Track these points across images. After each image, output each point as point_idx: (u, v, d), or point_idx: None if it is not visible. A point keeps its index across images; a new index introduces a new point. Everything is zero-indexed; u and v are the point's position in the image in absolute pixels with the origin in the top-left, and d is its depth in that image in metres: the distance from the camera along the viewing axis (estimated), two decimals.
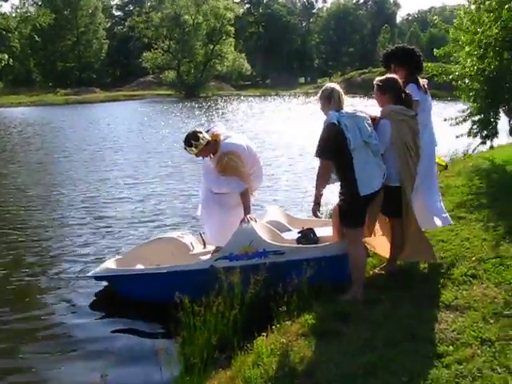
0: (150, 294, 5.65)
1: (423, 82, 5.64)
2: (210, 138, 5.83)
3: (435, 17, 11.44)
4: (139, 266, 6.13)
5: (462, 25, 10.19)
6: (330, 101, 4.85)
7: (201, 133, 5.78)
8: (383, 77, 5.22)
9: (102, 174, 13.98)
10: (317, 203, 4.98)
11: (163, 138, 21.72)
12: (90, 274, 6.26)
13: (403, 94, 5.10)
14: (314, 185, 4.95)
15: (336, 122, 4.65)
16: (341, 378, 3.49)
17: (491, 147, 10.80)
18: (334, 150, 4.71)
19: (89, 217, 9.74)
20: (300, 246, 5.63)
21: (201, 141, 5.72)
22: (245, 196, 5.79)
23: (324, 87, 5.05)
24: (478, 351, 3.69)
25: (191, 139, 5.73)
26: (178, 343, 4.49)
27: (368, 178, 4.73)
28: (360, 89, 52.51)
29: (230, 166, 5.70)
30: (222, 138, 5.89)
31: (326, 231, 5.80)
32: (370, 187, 4.74)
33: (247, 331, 4.56)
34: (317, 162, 4.98)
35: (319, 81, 73.12)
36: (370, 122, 4.87)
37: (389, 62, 5.70)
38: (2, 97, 54.31)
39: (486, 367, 3.48)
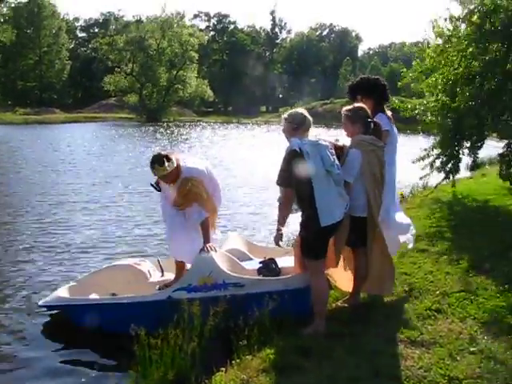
0: (103, 325, 5.32)
1: (389, 113, 5.62)
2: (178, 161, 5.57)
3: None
4: (94, 295, 5.84)
5: (427, 60, 10.28)
6: (298, 128, 4.74)
7: (171, 155, 5.53)
8: (351, 106, 5.16)
9: (58, 198, 13.32)
10: (279, 232, 4.83)
11: (123, 162, 21.21)
12: (41, 303, 5.86)
13: (372, 124, 5.04)
14: (277, 213, 4.81)
15: (298, 149, 4.52)
16: None
17: (452, 181, 10.85)
18: (295, 178, 4.55)
19: (42, 242, 9.17)
20: (261, 278, 5.46)
21: (172, 162, 5.45)
22: (204, 225, 5.58)
23: (295, 112, 4.90)
24: None
25: (163, 158, 5.41)
26: (132, 378, 4.22)
27: (329, 208, 4.56)
28: (322, 119, 53.12)
29: (192, 192, 5.49)
30: (181, 163, 5.63)
31: (287, 261, 5.65)
32: (331, 217, 4.58)
33: (206, 366, 4.32)
34: (278, 191, 4.85)
35: (281, 110, 73.33)
36: (332, 151, 4.75)
37: (355, 93, 5.65)
38: None
39: None
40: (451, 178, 10.69)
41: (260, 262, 5.71)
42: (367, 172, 4.87)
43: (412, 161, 10.58)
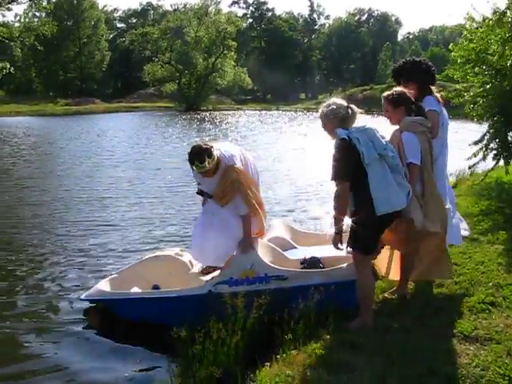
0: (144, 318, 5.25)
1: (438, 95, 5.36)
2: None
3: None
4: (135, 287, 5.76)
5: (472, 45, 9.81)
6: (343, 121, 4.44)
7: (212, 148, 5.10)
8: (391, 91, 4.96)
9: (99, 193, 13.09)
10: (337, 233, 4.45)
11: (166, 154, 20.97)
12: (83, 297, 5.79)
13: (414, 106, 4.85)
14: (333, 212, 4.46)
15: (346, 138, 4.27)
16: None
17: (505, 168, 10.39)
18: (349, 168, 4.28)
19: (82, 236, 9.05)
20: (304, 270, 5.30)
21: (213, 159, 5.04)
22: (246, 220, 5.30)
23: (334, 104, 4.52)
24: None
25: (204, 154, 4.99)
26: (175, 375, 4.12)
27: (386, 196, 4.28)
28: (361, 105, 52.24)
29: (237, 181, 5.14)
30: (217, 152, 5.19)
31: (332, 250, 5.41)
32: (389, 205, 4.29)
33: (249, 360, 4.21)
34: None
35: (320, 97, 73.01)
36: (382, 134, 4.50)
37: (399, 76, 5.44)
38: (2, 105, 54.06)
39: None
40: (502, 162, 10.24)
41: (301, 263, 5.50)
42: (422, 155, 4.69)
43: (468, 144, 10.17)
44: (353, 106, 4.55)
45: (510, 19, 8.97)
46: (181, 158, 18.30)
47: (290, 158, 18.87)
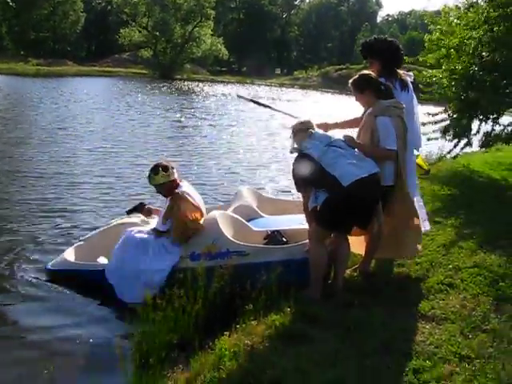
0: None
1: (406, 75, 5.30)
2: (176, 177, 5.41)
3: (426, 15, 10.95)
4: (101, 256, 5.73)
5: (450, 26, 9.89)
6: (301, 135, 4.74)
7: (172, 168, 5.38)
8: (356, 75, 4.99)
9: (66, 152, 13.12)
10: None
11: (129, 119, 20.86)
12: (48, 267, 5.81)
13: (382, 87, 4.84)
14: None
15: (297, 152, 4.67)
16: None
17: (462, 151, 10.58)
18: (306, 174, 4.52)
19: (45, 201, 8.89)
20: (266, 246, 5.30)
21: (169, 173, 5.31)
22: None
23: (301, 121, 4.88)
24: (457, 369, 3.46)
25: (159, 168, 5.30)
26: (135, 339, 4.12)
27: (346, 170, 4.38)
28: (336, 84, 52.55)
29: (177, 207, 5.23)
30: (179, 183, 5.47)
31: (299, 220, 5.42)
32: (353, 175, 4.36)
33: (209, 329, 4.25)
34: None
35: (295, 73, 72.87)
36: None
37: (365, 53, 5.38)
38: None
39: None
40: (461, 147, 10.39)
41: (265, 238, 5.51)
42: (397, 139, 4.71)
43: (422, 123, 10.27)
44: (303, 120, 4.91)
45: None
46: (151, 128, 18.22)
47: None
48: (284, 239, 5.44)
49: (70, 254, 5.79)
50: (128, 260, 5.22)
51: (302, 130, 4.75)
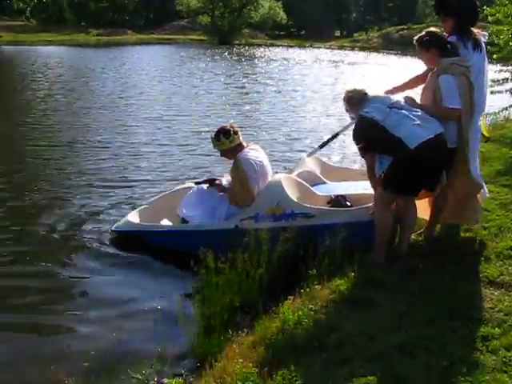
0: (173, 248, 5.39)
1: (480, 34, 5.04)
2: (240, 141, 5.46)
3: None
4: (164, 219, 5.88)
5: None
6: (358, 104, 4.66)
7: (236, 133, 5.41)
8: (421, 32, 4.78)
9: (129, 121, 13.45)
10: None
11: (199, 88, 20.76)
12: (113, 228, 6.05)
13: (448, 46, 4.63)
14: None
15: (360, 115, 4.55)
16: (375, 356, 3.17)
17: None
18: (369, 137, 4.47)
19: (110, 168, 9.23)
20: (331, 208, 5.27)
21: (232, 139, 5.37)
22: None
23: (354, 90, 4.76)
24: None
25: (221, 134, 5.37)
26: (198, 302, 4.21)
27: (411, 131, 4.29)
28: (397, 45, 51.08)
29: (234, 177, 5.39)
30: (246, 146, 5.53)
31: (364, 186, 5.36)
32: (420, 137, 4.26)
33: (273, 293, 4.29)
34: None
35: (355, 35, 71.16)
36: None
37: (440, 9, 5.14)
38: (34, 34, 53.88)
39: None
40: None
41: (328, 202, 5.48)
42: (462, 97, 4.50)
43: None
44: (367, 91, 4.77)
45: None
46: (214, 95, 18.25)
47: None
48: (348, 203, 5.39)
49: (134, 217, 5.95)
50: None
51: (358, 99, 4.67)
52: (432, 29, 4.80)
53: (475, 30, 4.97)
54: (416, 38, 4.79)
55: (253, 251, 4.42)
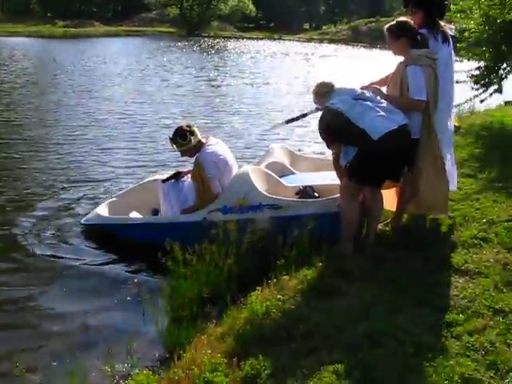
0: (141, 240, 5.36)
1: (447, 27, 5.11)
2: (198, 139, 5.43)
3: None
4: (133, 211, 5.87)
5: None
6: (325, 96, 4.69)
7: (192, 133, 5.39)
8: (393, 21, 4.81)
9: (96, 115, 13.21)
10: None
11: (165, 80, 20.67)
12: (82, 221, 6.02)
13: (418, 37, 4.67)
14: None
15: (325, 107, 4.58)
16: (342, 345, 3.20)
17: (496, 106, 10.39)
18: (333, 128, 4.50)
19: (78, 163, 9.09)
20: (298, 199, 5.30)
21: (187, 140, 5.35)
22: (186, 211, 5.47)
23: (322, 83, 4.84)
24: (491, 322, 3.41)
25: (179, 136, 5.37)
26: (166, 294, 4.19)
27: (375, 123, 4.33)
28: (366, 38, 51.48)
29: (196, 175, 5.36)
30: (205, 142, 5.49)
31: (331, 177, 5.35)
32: (383, 127, 4.30)
33: (241, 284, 4.29)
34: None
35: (324, 27, 71.35)
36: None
37: (406, 2, 5.19)
38: None
39: (500, 341, 3.21)
40: (490, 92, 10.14)
41: (296, 193, 5.52)
42: (427, 89, 4.54)
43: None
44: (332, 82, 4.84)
45: None
46: (185, 88, 18.11)
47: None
48: (316, 194, 5.41)
49: (103, 210, 5.93)
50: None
51: (325, 91, 4.71)
52: (403, 18, 4.81)
53: (442, 23, 5.04)
54: (387, 26, 4.81)
55: (221, 242, 4.41)
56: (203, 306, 4.07)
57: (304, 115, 5.75)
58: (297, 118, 5.85)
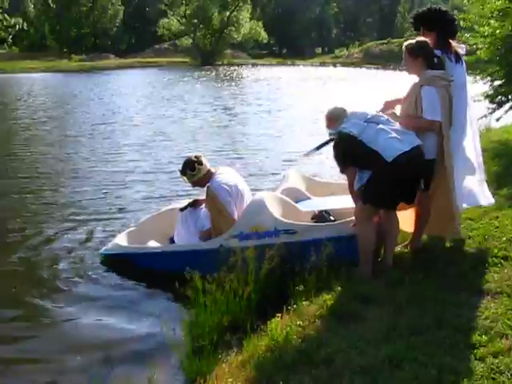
0: (161, 269, 5.42)
1: (459, 47, 5.12)
2: (207, 170, 5.54)
3: None
4: (151, 240, 5.93)
5: None
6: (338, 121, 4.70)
7: (200, 163, 5.49)
8: (413, 40, 4.82)
9: (112, 148, 13.31)
10: None
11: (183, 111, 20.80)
12: (101, 251, 6.11)
13: (435, 59, 4.70)
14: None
15: (338, 132, 4.60)
16: (364, 369, 3.17)
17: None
18: (349, 153, 4.52)
19: (100, 192, 9.29)
20: (313, 223, 5.31)
21: (196, 170, 5.47)
22: (202, 236, 5.57)
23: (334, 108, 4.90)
24: None
25: (187, 168, 5.51)
26: (187, 323, 4.19)
27: (387, 144, 4.35)
28: (378, 60, 51.71)
29: (210, 203, 5.44)
30: (215, 172, 5.59)
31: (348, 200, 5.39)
32: (396, 149, 4.32)
33: (261, 312, 4.29)
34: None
35: (336, 51, 71.91)
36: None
37: (417, 24, 5.22)
38: (16, 62, 53.90)
39: None
40: (506, 109, 10.10)
41: (312, 218, 5.54)
42: (442, 110, 4.56)
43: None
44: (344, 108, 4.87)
45: None
46: (201, 118, 18.18)
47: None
48: (332, 218, 5.42)
49: (122, 239, 6.02)
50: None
51: (337, 116, 4.75)
52: (422, 38, 4.83)
53: (453, 43, 5.06)
54: (406, 44, 4.83)
55: (239, 270, 4.42)
56: (223, 335, 4.07)
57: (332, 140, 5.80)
58: (326, 143, 5.87)
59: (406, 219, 5.17)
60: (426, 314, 3.79)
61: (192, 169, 5.44)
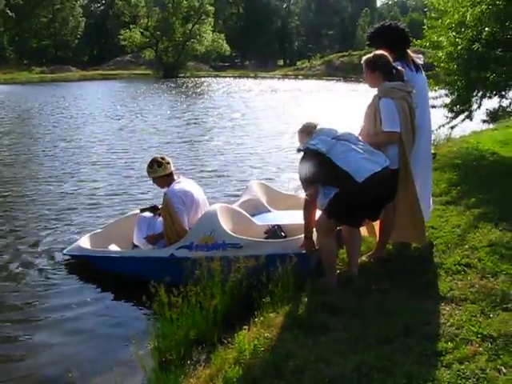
0: (120, 272, 5.66)
1: (416, 56, 5.22)
2: (171, 170, 5.70)
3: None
4: (113, 244, 6.03)
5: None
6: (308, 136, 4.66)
7: (168, 163, 5.68)
8: (370, 54, 4.87)
9: (73, 165, 12.60)
10: (308, 239, 4.69)
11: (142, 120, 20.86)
12: (65, 252, 6.29)
13: (394, 70, 4.75)
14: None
15: (304, 148, 4.52)
16: (332, 380, 3.16)
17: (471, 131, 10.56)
18: (314, 170, 4.38)
19: (65, 197, 9.37)
20: (259, 240, 5.28)
21: (162, 167, 5.63)
22: (148, 240, 5.73)
23: (307, 124, 4.81)
24: (480, 349, 3.41)
25: (154, 163, 5.66)
26: (153, 337, 4.11)
27: (358, 165, 4.30)
28: (339, 72, 52.34)
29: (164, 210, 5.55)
30: (175, 179, 5.72)
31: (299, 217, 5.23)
32: (368, 170, 4.27)
33: (228, 324, 4.24)
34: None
35: (298, 63, 72.52)
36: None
37: (374, 44, 5.30)
38: None
39: (490, 367, 3.20)
40: (462, 119, 10.35)
41: (265, 233, 5.53)
42: (401, 121, 4.60)
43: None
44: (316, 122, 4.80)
45: None
46: (164, 130, 18.08)
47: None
48: (283, 234, 5.46)
49: (85, 241, 6.17)
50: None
51: (307, 131, 4.71)
52: (380, 52, 4.86)
53: (411, 54, 5.16)
54: (364, 58, 4.88)
55: (206, 283, 4.37)
56: (191, 348, 4.02)
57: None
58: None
59: (370, 226, 5.22)
60: (393, 323, 3.81)
61: (159, 165, 5.60)
